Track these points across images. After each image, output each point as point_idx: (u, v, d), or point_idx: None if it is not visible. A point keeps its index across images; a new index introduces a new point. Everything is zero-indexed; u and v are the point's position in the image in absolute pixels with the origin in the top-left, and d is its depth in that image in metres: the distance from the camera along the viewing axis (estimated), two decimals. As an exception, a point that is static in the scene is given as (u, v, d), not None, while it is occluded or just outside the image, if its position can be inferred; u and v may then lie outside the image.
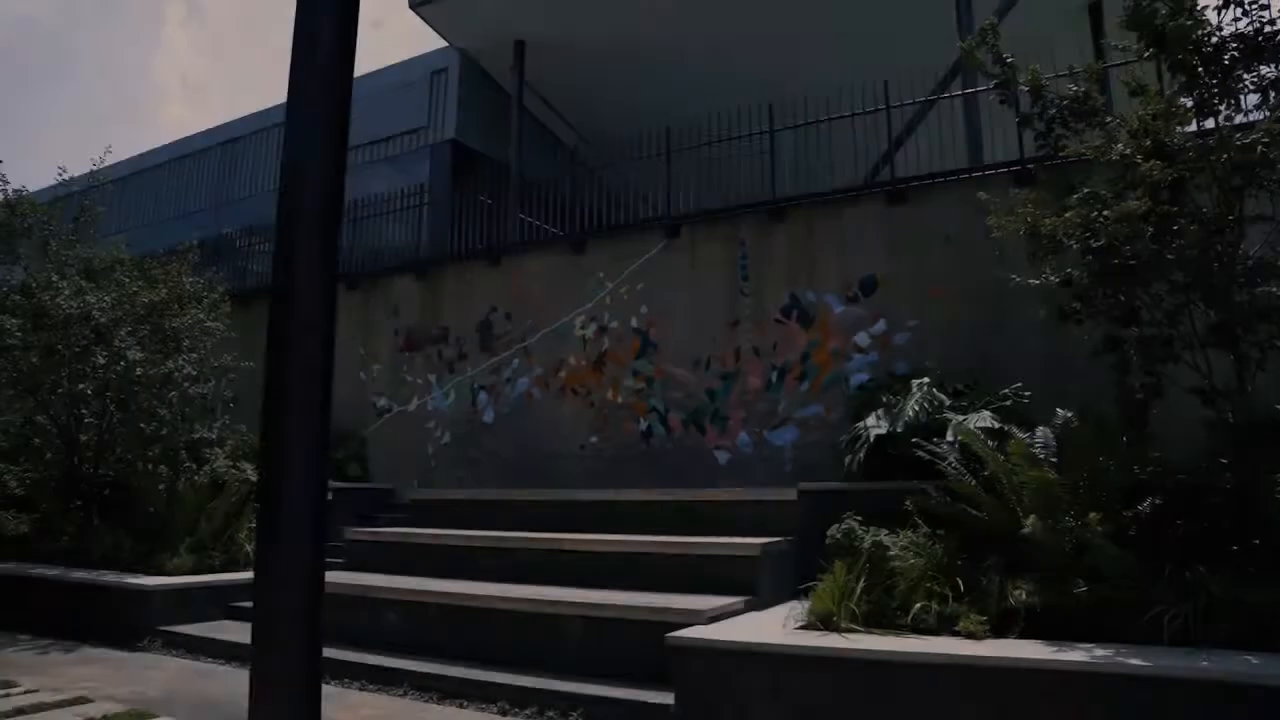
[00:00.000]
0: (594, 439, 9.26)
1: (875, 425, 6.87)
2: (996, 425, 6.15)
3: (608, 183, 10.73)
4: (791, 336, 8.39)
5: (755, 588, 5.99)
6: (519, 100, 12.61)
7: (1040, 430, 6.02)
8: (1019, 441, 5.29)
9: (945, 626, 4.85)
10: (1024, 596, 4.76)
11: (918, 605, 4.98)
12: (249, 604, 7.94)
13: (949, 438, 6.14)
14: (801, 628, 5.11)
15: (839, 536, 5.53)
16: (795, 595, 6.25)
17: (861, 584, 5.22)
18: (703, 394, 8.74)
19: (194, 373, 9.48)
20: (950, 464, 5.70)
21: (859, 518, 5.63)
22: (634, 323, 9.24)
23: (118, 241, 10.63)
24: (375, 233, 11.82)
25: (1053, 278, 5.82)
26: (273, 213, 2.60)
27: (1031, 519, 4.87)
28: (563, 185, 10.43)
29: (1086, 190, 4.98)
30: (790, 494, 6.89)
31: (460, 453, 10.09)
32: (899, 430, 6.53)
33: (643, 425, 9.01)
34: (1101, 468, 5.23)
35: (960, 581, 5.07)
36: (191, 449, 10.07)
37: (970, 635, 4.65)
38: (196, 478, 9.69)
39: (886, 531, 5.48)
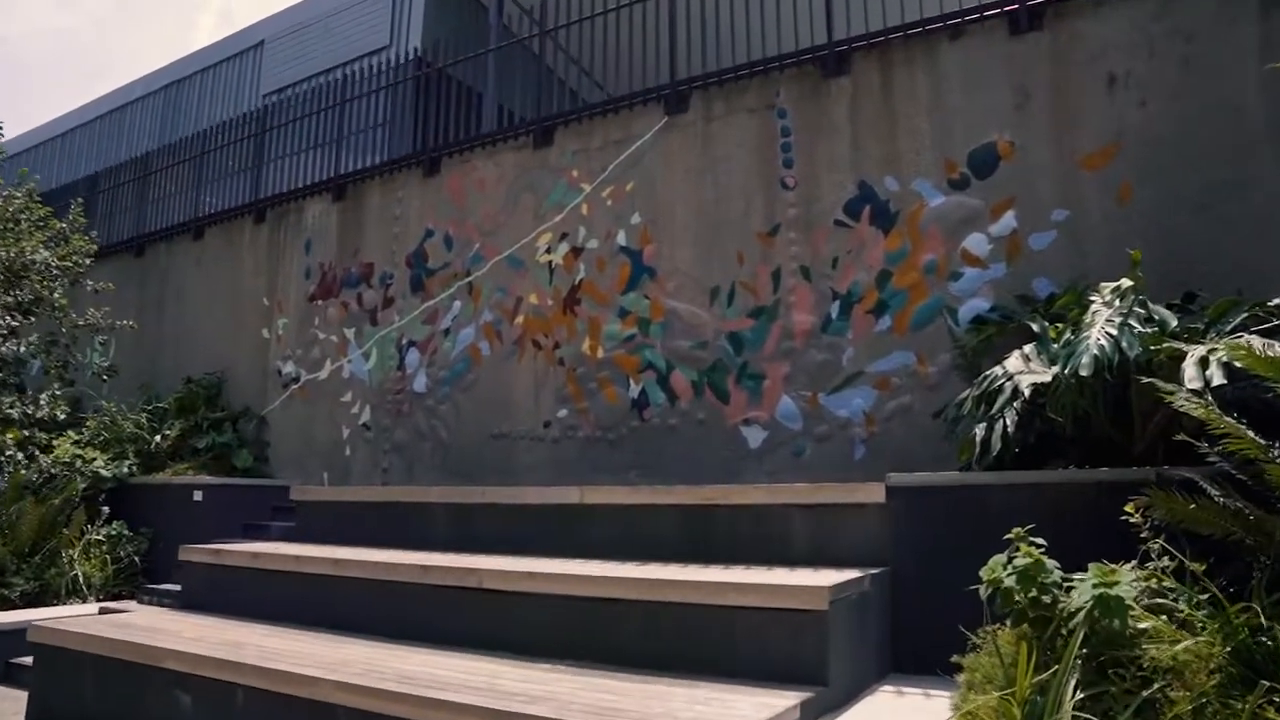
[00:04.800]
0: (563, 412, 6.35)
1: (1024, 371, 3.92)
2: (1288, 355, 3.19)
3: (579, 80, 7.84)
4: (862, 247, 5.44)
5: (821, 669, 3.12)
6: (499, 9, 9.82)
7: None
8: None
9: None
10: None
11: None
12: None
13: (1190, 380, 3.19)
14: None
15: (1009, 581, 2.60)
16: (886, 674, 3.51)
17: (1075, 687, 2.32)
18: (723, 341, 5.81)
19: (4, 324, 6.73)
20: (1230, 425, 2.73)
21: (1041, 541, 2.71)
22: (621, 239, 6.31)
23: None
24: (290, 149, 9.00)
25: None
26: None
27: None
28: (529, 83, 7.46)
29: None
30: (873, 493, 4.00)
31: (384, 435, 7.23)
32: (1080, 375, 3.55)
33: (634, 391, 6.09)
34: None
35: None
36: (29, 431, 7.41)
37: None
38: (24, 470, 7.04)
39: (1118, 571, 2.54)
